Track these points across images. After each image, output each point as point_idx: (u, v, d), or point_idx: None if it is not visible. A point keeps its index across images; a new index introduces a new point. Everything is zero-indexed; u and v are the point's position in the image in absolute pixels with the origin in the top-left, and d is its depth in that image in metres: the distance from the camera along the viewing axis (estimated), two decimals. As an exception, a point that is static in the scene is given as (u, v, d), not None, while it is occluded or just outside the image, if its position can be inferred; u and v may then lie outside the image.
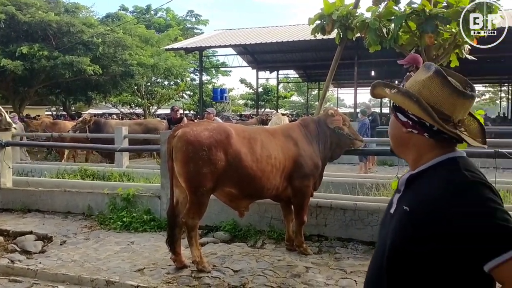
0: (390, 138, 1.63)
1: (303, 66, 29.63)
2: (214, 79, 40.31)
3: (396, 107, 1.57)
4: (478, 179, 1.37)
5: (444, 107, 1.47)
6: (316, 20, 7.10)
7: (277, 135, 5.25)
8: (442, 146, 1.50)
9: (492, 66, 26.77)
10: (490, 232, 1.27)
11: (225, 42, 23.20)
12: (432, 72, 1.50)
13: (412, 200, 1.45)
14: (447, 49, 6.61)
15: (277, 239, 5.73)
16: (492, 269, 1.25)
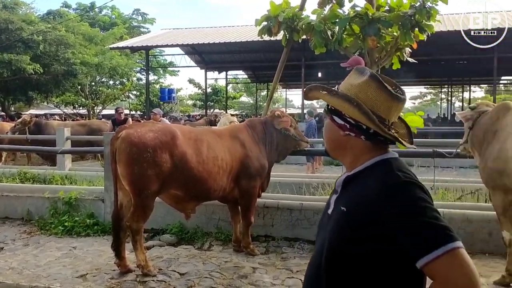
0: (326, 141, 1.64)
1: (252, 67, 29.75)
2: (161, 79, 39.73)
3: (332, 110, 1.58)
4: (410, 179, 1.42)
5: (380, 110, 1.51)
6: (263, 21, 7.12)
7: (224, 136, 5.22)
8: (377, 148, 1.54)
9: (433, 69, 27.86)
10: (421, 230, 1.31)
11: (173, 42, 22.92)
12: (367, 77, 1.53)
13: (349, 201, 1.49)
14: (389, 51, 6.79)
15: (225, 241, 5.71)
16: (423, 266, 1.29)
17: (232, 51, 25.10)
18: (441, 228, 1.30)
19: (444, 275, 1.27)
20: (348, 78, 1.60)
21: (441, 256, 1.26)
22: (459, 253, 1.27)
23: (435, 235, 1.29)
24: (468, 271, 1.25)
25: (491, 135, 4.31)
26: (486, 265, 4.84)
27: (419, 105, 58.76)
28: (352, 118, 1.52)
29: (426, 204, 1.34)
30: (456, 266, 1.26)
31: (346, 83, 1.58)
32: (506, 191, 4.11)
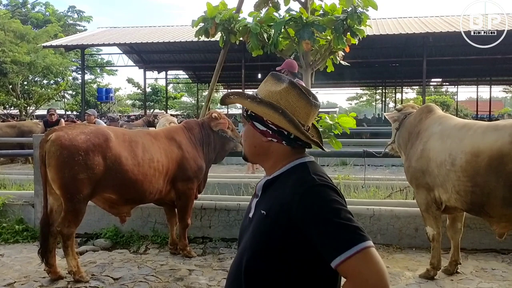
0: (247, 146, 1.67)
1: (192, 67, 29.59)
2: (98, 79, 38.58)
3: (252, 116, 1.61)
4: (325, 182, 1.48)
5: (300, 117, 1.58)
6: (200, 22, 7.09)
7: (160, 138, 5.16)
8: (296, 152, 1.61)
9: (368, 71, 28.92)
10: (334, 231, 1.37)
11: (110, 41, 22.36)
12: (287, 84, 1.59)
13: (267, 205, 1.53)
14: (323, 55, 6.99)
15: (161, 244, 5.65)
16: (337, 265, 1.35)
17: (172, 50, 24.84)
18: (353, 229, 1.36)
19: (355, 274, 1.33)
20: (265, 84, 1.64)
21: (353, 255, 1.32)
22: (369, 252, 1.33)
23: (347, 235, 1.35)
24: (378, 269, 1.32)
25: (415, 135, 4.55)
26: (413, 259, 5.10)
27: (355, 106, 60.64)
28: (274, 124, 1.57)
29: (339, 206, 1.41)
30: (367, 265, 1.32)
31: (265, 90, 1.62)
32: (428, 189, 4.34)
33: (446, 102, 50.75)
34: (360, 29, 6.52)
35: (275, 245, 1.47)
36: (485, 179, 3.78)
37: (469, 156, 3.88)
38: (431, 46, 18.81)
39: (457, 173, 3.96)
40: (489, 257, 5.08)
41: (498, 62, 24.14)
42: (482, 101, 37.09)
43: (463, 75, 31.05)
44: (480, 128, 4.00)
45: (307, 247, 1.42)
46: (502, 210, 3.79)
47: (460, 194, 3.99)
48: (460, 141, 4.02)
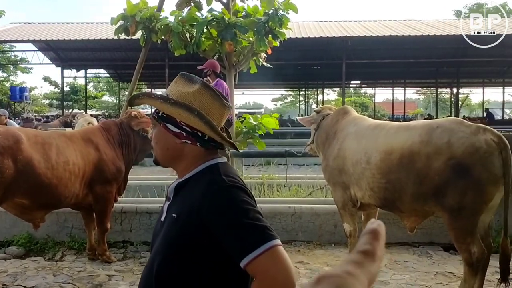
0: (159, 149, 1.63)
1: (114, 65, 28.66)
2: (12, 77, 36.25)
3: (164, 118, 1.57)
4: (235, 183, 1.50)
5: (214, 118, 1.58)
6: (119, 20, 6.90)
7: (76, 139, 4.94)
8: (209, 154, 1.61)
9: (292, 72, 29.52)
10: (243, 231, 1.39)
11: (24, 37, 21.12)
12: (200, 85, 1.59)
13: (179, 207, 1.53)
14: (246, 56, 7.05)
15: (79, 250, 5.42)
16: (246, 265, 1.36)
17: (91, 48, 23.91)
18: (261, 228, 1.38)
19: (263, 273, 1.35)
20: (175, 84, 1.62)
21: (261, 254, 1.34)
22: (276, 251, 1.35)
23: (255, 235, 1.37)
24: (284, 267, 1.35)
25: (332, 136, 4.72)
26: (332, 254, 5.29)
27: (280, 107, 61.84)
28: (188, 125, 1.55)
29: (247, 207, 1.42)
30: (274, 263, 1.34)
31: (176, 91, 1.60)
32: (344, 188, 4.53)
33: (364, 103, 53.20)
34: (281, 32, 6.65)
35: (186, 248, 1.47)
36: (397, 176, 3.97)
37: (383, 155, 4.06)
38: (350, 49, 19.61)
39: (371, 171, 4.13)
40: (402, 250, 5.39)
41: (411, 66, 25.66)
42: (398, 102, 39.20)
43: (380, 78, 32.67)
44: (393, 128, 4.22)
45: (218, 249, 1.43)
46: (412, 205, 4.00)
47: (374, 190, 4.16)
48: (374, 141, 4.20)
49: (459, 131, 3.79)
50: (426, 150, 3.82)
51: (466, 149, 3.68)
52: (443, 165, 3.72)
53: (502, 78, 31.01)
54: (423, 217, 4.28)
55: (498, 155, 3.65)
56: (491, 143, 3.67)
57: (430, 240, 5.49)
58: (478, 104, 47.82)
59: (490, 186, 3.68)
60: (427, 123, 4.18)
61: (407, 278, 4.57)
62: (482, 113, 31.85)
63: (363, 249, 0.65)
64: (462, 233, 3.74)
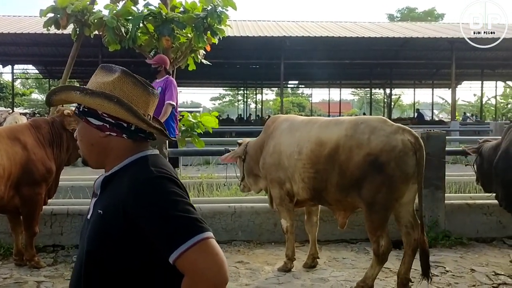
0: (83, 147, 1.54)
1: (43, 61, 27.32)
2: None
3: (85, 112, 1.48)
4: (163, 174, 1.41)
5: (139, 106, 1.49)
6: (49, 12, 6.51)
7: (1, 138, 4.60)
8: (138, 146, 1.51)
9: (230, 71, 29.52)
10: (169, 225, 1.30)
11: None
12: (120, 73, 1.50)
13: (105, 203, 1.43)
14: (184, 52, 6.89)
15: (5, 255, 5.07)
16: (174, 261, 1.27)
17: (18, 43, 22.61)
18: (190, 221, 1.30)
19: (192, 268, 1.27)
20: (95, 77, 1.54)
21: (189, 248, 1.26)
22: (206, 244, 1.28)
23: (183, 228, 1.29)
24: (215, 261, 1.27)
25: (266, 142, 4.77)
26: (272, 253, 5.28)
27: (219, 106, 61.66)
28: (111, 116, 1.45)
29: (176, 198, 1.34)
30: (203, 258, 1.26)
31: (95, 82, 1.51)
32: (280, 183, 4.59)
33: (302, 103, 54.25)
34: (220, 29, 6.55)
35: (112, 246, 1.37)
36: (324, 167, 4.18)
37: (313, 145, 4.26)
38: (288, 49, 19.83)
39: (302, 161, 4.32)
40: (340, 247, 5.48)
41: (347, 67, 26.41)
42: (333, 102, 40.25)
43: (317, 78, 33.36)
44: (325, 122, 4.46)
45: (146, 246, 1.34)
46: (336, 195, 4.20)
47: (305, 181, 4.33)
48: (307, 133, 4.40)
49: (380, 129, 4.03)
50: (349, 143, 4.05)
51: (384, 147, 3.92)
52: (362, 160, 3.96)
53: (431, 80, 32.67)
54: (350, 210, 4.49)
55: (412, 155, 3.93)
56: (407, 143, 3.94)
57: (367, 237, 5.58)
58: (409, 105, 50.08)
59: (401, 184, 3.96)
60: (354, 119, 4.45)
61: (346, 275, 4.64)
62: (413, 114, 33.37)
63: None
64: (374, 226, 4.03)
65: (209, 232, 1.30)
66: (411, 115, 34.76)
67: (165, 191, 1.35)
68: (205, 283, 1.26)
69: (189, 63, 7.22)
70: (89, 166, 1.60)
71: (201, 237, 1.27)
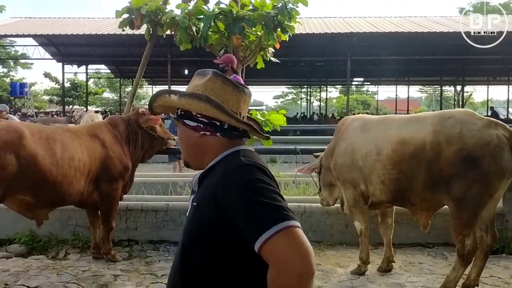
0: (184, 149, 1.61)
1: (115, 61, 28.46)
2: (12, 72, 36.12)
3: (182, 115, 1.55)
4: (252, 162, 1.40)
5: (230, 104, 1.51)
6: (124, 13, 6.72)
7: (82, 135, 4.79)
8: (233, 143, 1.53)
9: (294, 69, 29.35)
10: (255, 211, 1.27)
11: (25, 31, 20.96)
12: (211, 75, 1.54)
13: (199, 196, 1.47)
14: (253, 51, 6.88)
15: (83, 248, 5.28)
16: (259, 249, 1.23)
17: (93, 44, 23.68)
18: (275, 208, 1.27)
19: (276, 257, 1.22)
20: (191, 82, 1.59)
21: (273, 236, 1.21)
22: (291, 232, 1.22)
23: (267, 215, 1.26)
24: (300, 251, 1.21)
25: (337, 145, 4.64)
26: (344, 255, 5.14)
27: (281, 104, 61.62)
28: (204, 116, 1.50)
29: (262, 185, 1.32)
30: (288, 246, 1.21)
31: (190, 87, 1.57)
32: (354, 185, 4.43)
33: (367, 101, 53.01)
34: (290, 26, 6.48)
35: (205, 235, 1.39)
36: (408, 166, 4.02)
37: (395, 145, 4.11)
38: (355, 46, 19.40)
39: (382, 162, 4.16)
40: (416, 251, 5.24)
41: (416, 63, 25.45)
42: (399, 100, 38.99)
43: (383, 75, 32.46)
44: (403, 120, 4.31)
45: (235, 234, 1.32)
46: (422, 194, 4.04)
47: (385, 183, 4.17)
48: (385, 132, 4.23)
49: (470, 122, 3.87)
50: (438, 139, 3.89)
51: (478, 141, 3.76)
52: (453, 155, 3.81)
53: (507, 77, 30.87)
54: (433, 210, 4.31)
55: (508, 150, 3.76)
56: (502, 138, 3.78)
57: (444, 241, 5.33)
58: (481, 102, 47.63)
59: (497, 180, 3.78)
60: (438, 113, 4.26)
61: (424, 281, 4.42)
62: (486, 112, 31.66)
63: None
64: (462, 223, 3.85)
65: (294, 221, 1.25)
66: (483, 113, 33.00)
67: (250, 178, 1.33)
68: (288, 273, 1.20)
69: (257, 61, 7.20)
70: (191, 168, 1.65)
71: (285, 225, 1.23)
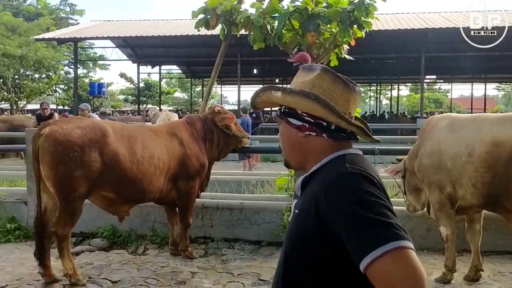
0: (285, 148, 1.50)
1: (187, 62, 29.21)
2: (91, 73, 38.08)
3: (286, 113, 1.44)
4: (358, 170, 1.27)
5: (339, 103, 1.40)
6: (200, 13, 6.82)
7: (161, 133, 4.90)
8: (339, 145, 1.41)
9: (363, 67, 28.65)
10: (362, 227, 1.15)
11: (103, 34, 21.98)
12: (319, 70, 1.43)
13: (301, 203, 1.37)
14: (327, 48, 6.74)
15: (161, 244, 5.40)
16: (365, 268, 1.12)
17: (166, 45, 24.46)
18: (384, 225, 1.14)
19: (383, 279, 1.10)
20: (296, 78, 1.48)
21: (381, 256, 1.09)
22: (402, 253, 1.10)
23: (375, 233, 1.13)
24: (412, 274, 1.08)
25: (422, 145, 4.39)
26: (425, 262, 4.88)
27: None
28: (310, 115, 1.39)
29: (370, 198, 1.19)
30: (398, 268, 1.08)
31: (296, 83, 1.46)
32: (440, 187, 4.17)
33: (439, 99, 50.81)
34: (367, 22, 6.27)
35: (306, 244, 1.29)
36: (505, 169, 3.75)
37: (489, 147, 3.84)
38: (429, 42, 18.61)
39: (474, 164, 3.90)
40: (505, 260, 4.89)
41: (493, 59, 23.98)
42: (474, 98, 36.95)
43: (458, 72, 30.93)
44: (497, 119, 4.02)
45: (336, 247, 1.21)
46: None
47: (477, 187, 3.91)
48: (477, 132, 3.96)
49: None
50: None
51: None
52: None
53: None
54: None
55: None
56: None
57: (537, 250, 4.94)
58: None
59: None
60: None
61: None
62: None
63: None
64: None
65: (407, 241, 1.12)
66: None
67: (356, 189, 1.21)
68: None
69: (331, 59, 7.06)
70: (291, 168, 1.57)
71: (396, 245, 1.10)
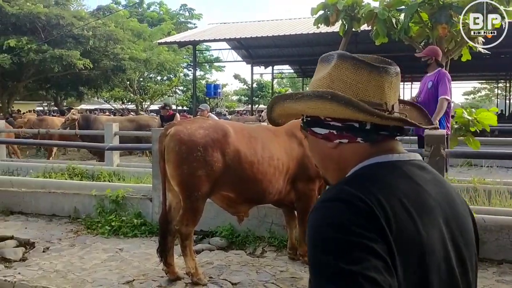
0: (319, 163, 1.22)
1: (299, 61, 29.18)
2: (207, 75, 39.82)
3: (308, 123, 1.18)
4: (341, 195, 0.96)
5: (369, 94, 1.09)
6: (320, 10, 6.64)
7: (280, 134, 4.77)
8: (379, 149, 1.10)
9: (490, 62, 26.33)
10: (312, 269, 0.93)
11: (219, 36, 22.72)
12: (336, 59, 1.13)
13: None
14: (460, 41, 6.16)
15: (278, 247, 5.28)
16: None
17: (279, 45, 24.63)
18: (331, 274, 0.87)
19: None
20: (315, 74, 1.19)
21: None
22: None
23: (317, 283, 0.89)
24: None
25: None
26: None
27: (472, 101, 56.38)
28: (336, 119, 1.10)
29: (332, 235, 0.90)
30: None
31: (314, 81, 1.18)
32: None
33: None
34: (509, 11, 5.62)
35: None
36: None
37: None
38: None
39: None
40: None
41: None
42: None
43: None
44: None
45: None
46: None
47: None
48: None
49: None
50: None
51: None
52: None
53: None
54: None
55: None
56: None
57: None
58: None
59: None
60: None
61: None
62: None
63: None
64: None
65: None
66: None
67: (322, 223, 0.94)
68: None
69: (463, 53, 6.45)
70: (330, 185, 1.24)
71: None
